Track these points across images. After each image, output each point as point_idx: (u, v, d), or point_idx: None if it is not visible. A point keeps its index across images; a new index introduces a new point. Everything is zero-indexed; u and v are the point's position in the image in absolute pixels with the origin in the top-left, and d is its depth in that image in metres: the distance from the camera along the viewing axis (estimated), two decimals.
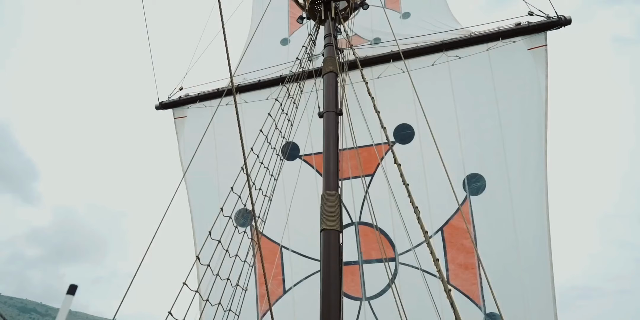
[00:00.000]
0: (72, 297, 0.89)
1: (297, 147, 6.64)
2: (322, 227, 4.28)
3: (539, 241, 5.22)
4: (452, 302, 3.16)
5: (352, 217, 5.95)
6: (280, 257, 6.27)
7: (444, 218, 5.60)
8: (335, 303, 3.90)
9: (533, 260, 5.19)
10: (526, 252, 5.23)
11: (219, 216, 4.51)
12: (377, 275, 5.70)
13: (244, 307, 5.27)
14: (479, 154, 5.72)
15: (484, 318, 5.16)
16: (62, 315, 0.85)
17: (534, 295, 5.07)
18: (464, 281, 5.33)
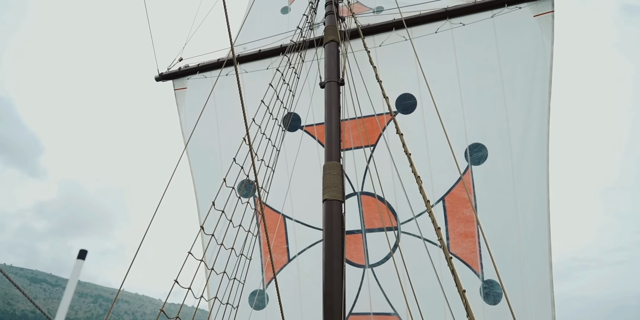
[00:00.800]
0: (83, 262, 0.91)
1: (298, 117, 6.62)
2: (324, 198, 4.32)
3: (538, 211, 5.26)
4: (452, 270, 3.21)
5: (355, 187, 5.99)
6: (283, 227, 6.35)
7: (446, 188, 5.63)
8: (338, 271, 3.98)
9: (531, 229, 5.24)
10: (525, 221, 5.28)
11: (222, 187, 4.55)
12: (380, 244, 5.79)
13: (249, 275, 5.38)
14: (481, 124, 5.69)
15: (481, 285, 5.26)
16: (73, 281, 0.87)
17: (531, 263, 5.15)
18: (464, 249, 5.40)
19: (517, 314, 4.74)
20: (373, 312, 5.76)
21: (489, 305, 5.16)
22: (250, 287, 6.31)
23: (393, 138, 5.62)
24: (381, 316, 5.71)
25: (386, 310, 5.69)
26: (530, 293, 5.05)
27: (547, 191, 5.24)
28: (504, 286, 4.03)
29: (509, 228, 5.29)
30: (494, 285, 5.18)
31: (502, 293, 5.00)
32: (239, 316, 5.57)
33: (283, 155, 5.84)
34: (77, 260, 1.03)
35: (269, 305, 6.32)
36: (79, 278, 1.06)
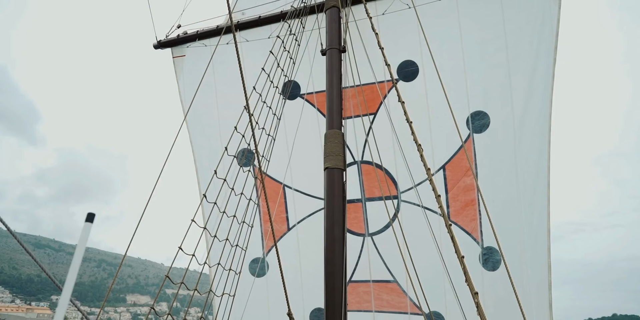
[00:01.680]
0: (91, 225, 0.92)
1: (298, 85, 6.55)
2: (326, 166, 4.33)
3: (538, 179, 5.28)
4: (452, 236, 3.26)
5: (355, 156, 5.99)
6: (283, 196, 6.39)
7: (447, 156, 5.63)
8: (339, 238, 4.04)
9: (531, 197, 5.28)
10: (525, 189, 5.30)
11: (223, 155, 4.55)
12: (380, 213, 5.84)
13: (249, 244, 5.46)
14: (484, 91, 5.63)
15: (481, 252, 5.34)
16: (82, 244, 0.88)
17: (530, 230, 5.22)
18: (464, 217, 5.46)
19: (515, 279, 4.84)
20: (373, 279, 5.88)
21: (487, 271, 5.26)
22: (250, 255, 6.42)
23: (394, 106, 5.58)
24: (381, 283, 5.83)
25: (386, 277, 5.81)
26: (528, 259, 5.14)
27: (548, 159, 5.24)
28: (503, 253, 4.09)
29: (509, 196, 5.32)
30: (493, 252, 5.26)
31: (501, 259, 5.09)
32: (240, 283, 5.69)
33: (282, 124, 5.81)
34: (86, 224, 1.03)
35: (269, 272, 6.44)
36: (87, 242, 1.07)
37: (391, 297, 5.76)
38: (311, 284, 6.11)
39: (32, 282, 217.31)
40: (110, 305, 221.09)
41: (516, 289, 3.60)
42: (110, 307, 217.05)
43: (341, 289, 3.87)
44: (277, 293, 6.29)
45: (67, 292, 1.01)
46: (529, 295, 5.04)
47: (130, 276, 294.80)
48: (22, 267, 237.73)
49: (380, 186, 5.61)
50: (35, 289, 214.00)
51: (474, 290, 3.04)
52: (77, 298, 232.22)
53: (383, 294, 5.80)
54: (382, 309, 5.82)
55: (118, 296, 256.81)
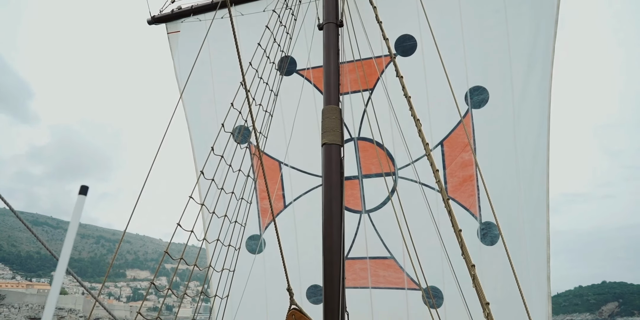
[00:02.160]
0: (85, 198, 0.91)
1: (294, 61, 6.46)
2: (323, 142, 4.31)
3: (538, 154, 5.26)
4: (449, 210, 3.27)
5: (352, 132, 5.96)
6: (279, 173, 6.38)
7: (445, 132, 5.60)
8: (337, 213, 4.05)
9: (530, 172, 5.28)
10: (525, 165, 5.30)
11: (220, 132, 4.52)
12: (377, 189, 5.85)
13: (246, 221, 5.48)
14: (483, 66, 5.56)
15: (479, 227, 5.38)
16: (76, 217, 0.87)
17: (529, 205, 5.24)
18: (462, 193, 5.47)
19: (514, 252, 4.90)
20: (369, 256, 5.92)
21: (485, 246, 5.31)
22: (247, 232, 6.45)
23: (391, 82, 5.52)
24: (377, 260, 5.89)
25: (382, 254, 5.86)
26: (527, 233, 5.18)
27: (548, 134, 5.22)
28: (502, 228, 4.12)
29: (508, 171, 5.32)
30: (491, 227, 5.30)
31: (499, 234, 5.13)
32: (238, 260, 5.75)
33: (278, 100, 5.76)
34: (79, 196, 1.02)
35: (266, 249, 6.49)
36: (81, 215, 1.06)
37: (388, 273, 5.82)
38: (307, 261, 6.17)
39: (32, 259, 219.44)
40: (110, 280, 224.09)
41: (515, 262, 3.65)
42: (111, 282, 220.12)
43: (339, 264, 3.91)
44: (274, 270, 6.36)
45: (62, 265, 1.00)
46: (528, 268, 5.10)
47: (129, 252, 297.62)
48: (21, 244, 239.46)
49: (380, 162, 5.59)
50: (35, 265, 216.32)
51: (471, 263, 3.07)
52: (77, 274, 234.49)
53: (380, 270, 5.86)
54: (379, 285, 5.89)
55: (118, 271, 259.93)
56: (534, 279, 5.08)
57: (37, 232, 2.73)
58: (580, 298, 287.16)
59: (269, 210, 6.43)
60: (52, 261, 4.76)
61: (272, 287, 6.38)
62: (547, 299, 5.03)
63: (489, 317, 2.89)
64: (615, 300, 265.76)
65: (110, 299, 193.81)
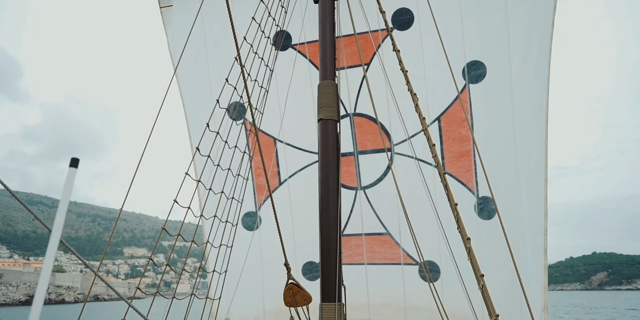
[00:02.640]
0: (76, 170, 0.89)
1: (289, 36, 6.34)
2: (320, 117, 4.28)
3: (536, 129, 5.24)
4: (445, 184, 3.28)
5: (347, 108, 5.91)
6: (274, 150, 6.35)
7: (442, 108, 5.56)
8: (334, 188, 4.05)
9: (528, 147, 5.27)
10: (522, 140, 5.28)
11: (215, 108, 4.48)
12: (372, 166, 5.84)
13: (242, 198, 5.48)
14: (481, 40, 5.48)
15: (476, 201, 5.41)
16: (67, 190, 0.85)
17: (527, 179, 5.24)
18: (459, 168, 5.47)
19: (511, 226, 4.95)
20: (365, 232, 5.95)
21: (483, 220, 5.34)
22: (243, 208, 6.46)
23: (388, 56, 5.44)
24: (373, 236, 5.92)
25: (378, 230, 5.88)
26: (524, 207, 5.21)
27: (546, 110, 5.19)
28: (499, 202, 4.14)
29: (505, 147, 5.31)
30: (488, 202, 5.32)
31: (496, 209, 5.16)
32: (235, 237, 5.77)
33: (273, 76, 5.68)
34: (70, 169, 1.00)
35: (262, 226, 6.52)
36: (72, 188, 1.04)
37: (384, 249, 5.86)
38: (303, 238, 6.20)
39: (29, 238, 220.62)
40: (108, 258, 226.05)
41: (512, 236, 3.68)
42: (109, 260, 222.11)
43: (336, 239, 3.93)
44: (270, 246, 6.39)
45: (55, 238, 0.98)
46: (524, 241, 5.15)
47: (126, 230, 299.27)
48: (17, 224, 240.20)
49: (382, 136, 5.57)
50: (32, 244, 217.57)
51: (466, 236, 3.10)
52: None
53: (375, 247, 5.90)
54: (375, 262, 5.93)
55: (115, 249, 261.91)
56: (530, 251, 5.13)
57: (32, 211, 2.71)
58: (571, 269, 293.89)
59: (264, 187, 6.43)
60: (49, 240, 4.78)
61: (269, 263, 6.43)
62: (543, 271, 5.10)
63: (484, 289, 2.93)
64: (604, 270, 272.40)
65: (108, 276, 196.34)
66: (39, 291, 0.91)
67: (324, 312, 3.77)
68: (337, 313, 3.76)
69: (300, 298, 3.50)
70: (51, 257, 0.97)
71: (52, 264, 0.97)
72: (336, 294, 3.81)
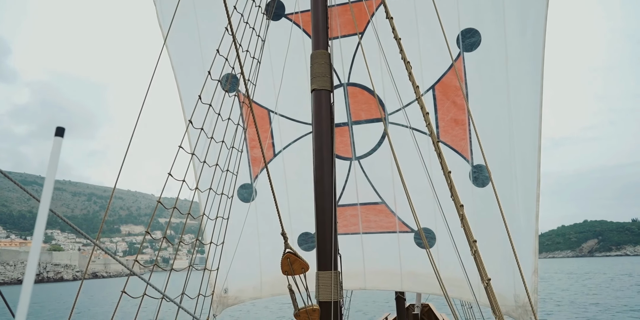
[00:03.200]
0: (62, 139, 0.87)
1: (282, 5, 6.22)
2: (313, 88, 4.25)
3: (530, 97, 5.22)
4: (439, 152, 3.29)
5: (341, 78, 5.86)
6: (268, 122, 6.32)
7: (436, 76, 5.52)
8: (328, 159, 4.06)
9: (523, 116, 5.26)
10: (517, 108, 5.27)
11: (207, 81, 4.43)
12: (367, 136, 5.84)
13: (238, 170, 5.48)
14: (476, 7, 5.39)
15: (471, 170, 5.44)
16: (54, 161, 0.83)
17: (521, 149, 5.26)
18: (454, 137, 5.48)
19: (504, 194, 5.01)
20: (360, 202, 6.00)
21: (477, 187, 5.39)
22: (238, 181, 6.48)
23: (382, 25, 5.36)
24: (368, 206, 5.97)
25: (373, 199, 5.93)
26: (517, 174, 5.25)
27: (541, 77, 5.16)
28: (493, 170, 4.16)
29: (499, 115, 5.31)
30: (482, 170, 5.35)
31: (489, 177, 5.20)
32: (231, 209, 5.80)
33: (266, 46, 5.60)
34: (55, 138, 0.98)
35: (258, 198, 6.55)
36: (59, 158, 1.02)
37: (379, 218, 5.93)
38: (298, 209, 6.24)
39: (25, 218, 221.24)
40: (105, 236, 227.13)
41: (505, 203, 3.73)
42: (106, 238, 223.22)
43: (331, 209, 3.97)
44: (266, 218, 6.45)
45: (44, 208, 0.97)
46: (518, 208, 5.22)
47: (122, 208, 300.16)
48: (12, 204, 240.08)
49: (378, 105, 5.55)
50: (28, 224, 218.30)
51: (459, 203, 3.13)
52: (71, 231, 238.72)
53: (371, 216, 5.96)
54: (370, 231, 6.01)
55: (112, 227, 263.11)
56: (523, 218, 5.21)
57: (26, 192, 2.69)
58: (562, 237, 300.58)
59: (259, 159, 6.43)
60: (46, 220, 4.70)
61: (265, 234, 6.49)
62: (534, 236, 5.19)
63: (477, 254, 2.99)
64: (595, 238, 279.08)
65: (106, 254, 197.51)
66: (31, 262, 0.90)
67: (320, 280, 3.84)
68: (334, 281, 3.83)
69: (298, 266, 3.54)
70: (41, 228, 0.95)
71: (42, 234, 0.95)
72: (332, 262, 3.87)
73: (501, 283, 5.16)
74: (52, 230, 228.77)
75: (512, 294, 5.27)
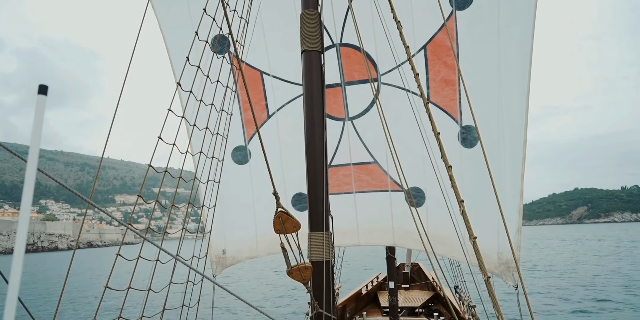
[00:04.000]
0: (45, 98, 0.85)
1: None
2: (303, 49, 4.19)
3: (520, 59, 5.19)
4: (429, 114, 3.30)
5: (333, 38, 5.77)
6: (261, 83, 6.26)
7: (428, 35, 5.45)
8: (319, 121, 4.05)
9: (512, 78, 5.24)
10: (507, 69, 5.24)
11: (195, 42, 4.36)
12: (359, 96, 5.82)
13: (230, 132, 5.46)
14: None
15: (459, 130, 5.47)
16: (39, 120, 0.82)
17: (509, 110, 5.28)
18: (444, 97, 5.47)
19: (492, 155, 5.07)
20: (353, 162, 6.06)
21: (465, 148, 5.44)
22: (232, 143, 6.49)
23: None
24: (361, 165, 6.03)
25: (366, 159, 5.99)
26: (504, 136, 5.29)
27: (532, 39, 5.11)
28: (481, 132, 4.18)
29: (490, 76, 5.29)
30: (471, 130, 5.38)
31: (478, 137, 5.24)
32: (225, 172, 5.82)
33: (256, 6, 5.47)
34: (39, 96, 0.95)
35: (252, 160, 6.58)
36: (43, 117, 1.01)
37: (372, 178, 6.00)
38: (291, 170, 6.30)
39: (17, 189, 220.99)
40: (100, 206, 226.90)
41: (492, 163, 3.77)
42: None
43: (322, 171, 3.99)
44: (260, 179, 6.50)
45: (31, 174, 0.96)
46: (504, 168, 5.29)
47: (116, 178, 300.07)
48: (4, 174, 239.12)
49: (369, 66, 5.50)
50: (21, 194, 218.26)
51: (448, 164, 3.17)
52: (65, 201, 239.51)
53: (363, 175, 6.03)
54: (363, 190, 6.10)
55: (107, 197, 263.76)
56: (509, 178, 5.29)
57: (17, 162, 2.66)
58: (553, 204, 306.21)
59: (252, 121, 6.41)
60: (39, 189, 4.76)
61: (260, 195, 6.57)
62: (519, 195, 5.30)
63: (464, 213, 3.06)
64: (584, 205, 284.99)
65: (101, 223, 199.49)
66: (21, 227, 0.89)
67: (312, 240, 3.91)
68: (326, 241, 3.90)
69: (290, 225, 3.59)
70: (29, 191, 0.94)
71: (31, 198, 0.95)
72: (324, 223, 3.93)
73: (485, 242, 5.30)
74: (46, 200, 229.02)
75: (496, 252, 5.44)
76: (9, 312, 0.81)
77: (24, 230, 0.89)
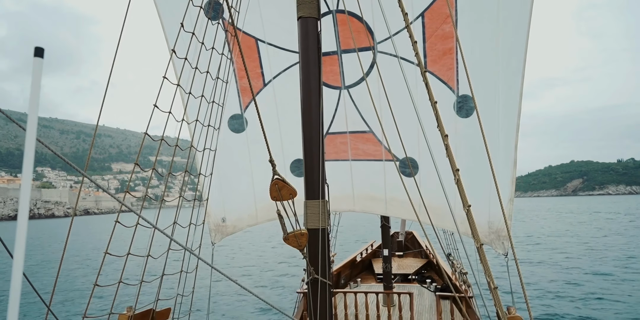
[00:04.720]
0: (42, 60, 0.83)
1: None
2: (299, 15, 4.12)
3: (518, 27, 5.11)
4: (426, 83, 3.29)
5: (329, 4, 5.65)
6: (256, 51, 6.17)
7: (426, 2, 5.35)
8: (316, 89, 4.03)
9: (509, 47, 5.18)
10: (505, 37, 5.14)
11: (189, 7, 4.27)
12: (356, 65, 5.76)
13: (227, 101, 5.43)
14: None
15: (456, 100, 5.45)
16: (36, 83, 0.81)
17: (505, 80, 5.23)
18: (441, 66, 5.42)
19: (487, 124, 5.07)
20: (349, 130, 6.07)
21: (461, 118, 5.43)
22: (228, 111, 6.45)
23: None
24: (357, 134, 6.04)
25: (362, 128, 5.99)
26: (500, 107, 5.28)
27: (531, 8, 5.02)
28: (477, 100, 4.16)
29: (487, 45, 5.21)
30: (467, 100, 5.36)
31: (474, 107, 5.22)
32: (220, 139, 5.82)
33: None
34: (35, 59, 0.94)
35: (248, 128, 6.57)
36: (41, 81, 1.00)
37: (367, 146, 6.03)
38: (289, 137, 6.31)
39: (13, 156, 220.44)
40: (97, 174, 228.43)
41: (487, 133, 3.78)
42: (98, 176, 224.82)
43: (318, 138, 4.00)
44: (257, 147, 6.52)
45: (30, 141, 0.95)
46: (498, 138, 5.31)
47: (112, 146, 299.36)
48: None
49: (367, 34, 5.41)
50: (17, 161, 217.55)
51: (444, 133, 3.17)
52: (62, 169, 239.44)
53: (359, 144, 6.06)
54: (358, 158, 6.15)
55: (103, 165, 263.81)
56: (503, 148, 5.32)
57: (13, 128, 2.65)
58: (548, 177, 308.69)
59: (248, 89, 6.36)
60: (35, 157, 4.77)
61: (257, 163, 6.61)
62: (512, 166, 5.34)
63: (459, 182, 3.08)
64: (580, 177, 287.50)
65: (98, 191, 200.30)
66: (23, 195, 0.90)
67: (308, 208, 3.96)
68: (321, 209, 3.95)
69: (286, 192, 3.63)
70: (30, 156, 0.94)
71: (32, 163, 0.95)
72: (320, 191, 3.96)
73: (476, 211, 5.38)
74: (43, 167, 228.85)
75: (487, 221, 5.53)
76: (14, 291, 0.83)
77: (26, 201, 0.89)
